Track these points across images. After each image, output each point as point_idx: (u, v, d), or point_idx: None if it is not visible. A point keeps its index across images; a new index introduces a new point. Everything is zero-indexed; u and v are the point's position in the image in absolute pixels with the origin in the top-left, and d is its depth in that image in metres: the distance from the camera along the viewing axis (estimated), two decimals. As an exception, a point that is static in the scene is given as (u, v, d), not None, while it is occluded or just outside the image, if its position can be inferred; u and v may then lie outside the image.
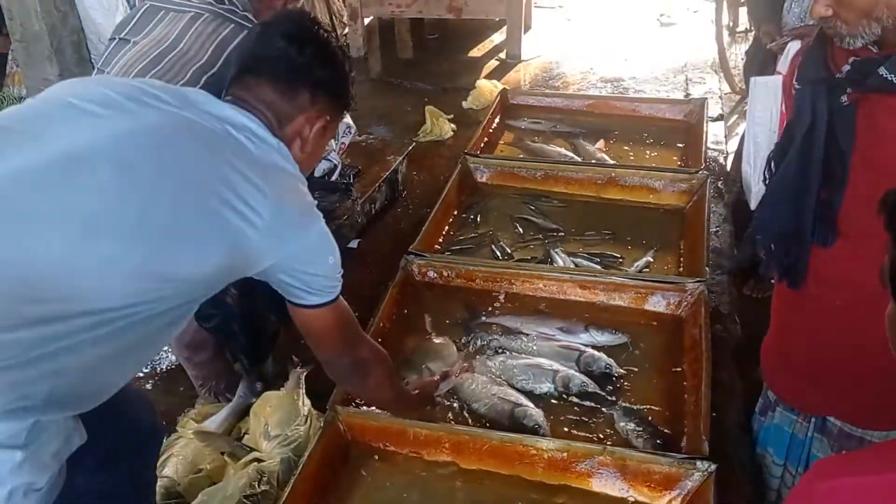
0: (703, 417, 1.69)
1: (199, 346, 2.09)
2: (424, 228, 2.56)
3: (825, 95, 1.33)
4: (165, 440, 1.94)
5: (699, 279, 2.16)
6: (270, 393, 2.04)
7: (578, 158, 3.14)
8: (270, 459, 1.87)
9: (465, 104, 4.33)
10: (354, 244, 2.98)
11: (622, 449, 1.67)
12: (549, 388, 1.93)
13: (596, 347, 2.05)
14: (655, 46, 5.15)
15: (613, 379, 1.95)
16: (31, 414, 1.12)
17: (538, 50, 5.16)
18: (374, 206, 3.09)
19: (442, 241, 2.69)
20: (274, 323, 2.11)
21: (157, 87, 1.29)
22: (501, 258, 2.53)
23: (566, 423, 1.85)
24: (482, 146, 3.26)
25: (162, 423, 1.71)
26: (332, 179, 2.86)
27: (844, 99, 1.31)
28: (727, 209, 2.82)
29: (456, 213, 2.84)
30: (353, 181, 2.93)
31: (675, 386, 1.92)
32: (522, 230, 2.71)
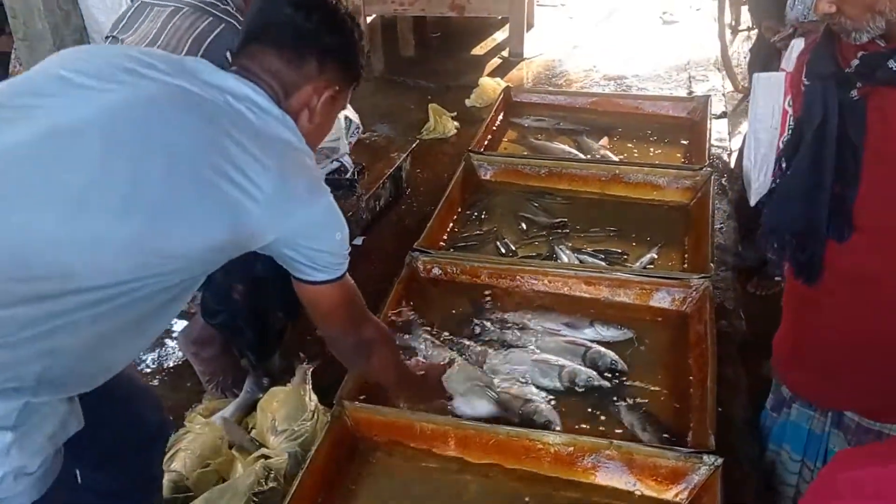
0: (709, 412, 1.70)
1: (205, 341, 2.10)
2: (429, 225, 2.57)
3: (835, 91, 1.34)
4: (173, 435, 1.95)
5: (704, 275, 2.17)
6: (277, 388, 2.04)
7: (582, 155, 3.14)
8: (278, 456, 1.87)
9: (468, 102, 4.34)
10: (359, 241, 2.99)
11: (629, 443, 1.68)
12: (555, 383, 1.93)
13: (602, 343, 2.05)
14: (658, 44, 5.15)
15: (619, 374, 1.95)
16: (21, 395, 1.09)
17: (541, 48, 5.17)
18: (378, 203, 3.10)
19: (446, 238, 2.69)
20: (280, 319, 2.12)
21: (155, 56, 1.25)
22: (506, 255, 2.53)
23: (572, 417, 1.85)
24: (486, 143, 3.26)
25: (169, 418, 1.71)
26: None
27: (854, 93, 1.31)
28: (731, 206, 2.82)
29: (460, 210, 2.85)
30: (357, 178, 2.93)
31: (680, 381, 1.93)
32: (526, 227, 2.71)
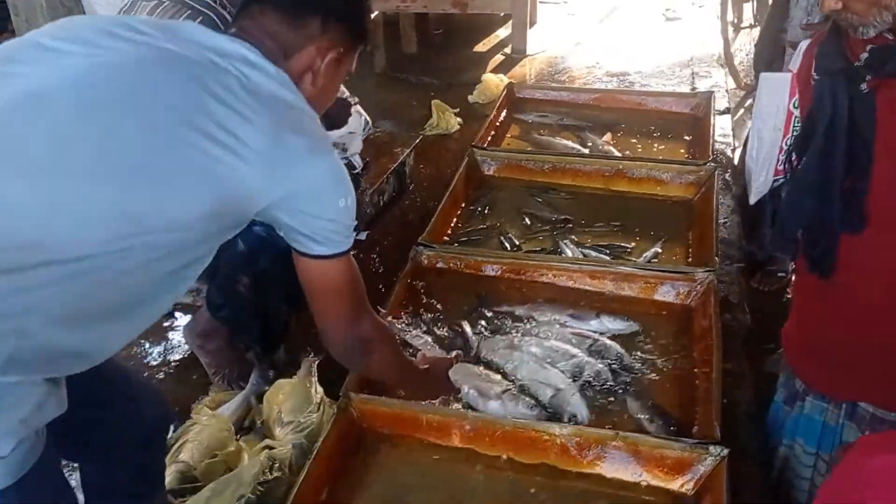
0: (714, 404, 1.70)
1: (211, 334, 2.11)
2: (433, 220, 2.57)
3: (845, 85, 1.35)
4: (181, 427, 1.96)
5: (709, 268, 2.17)
6: (283, 381, 2.05)
7: (586, 151, 3.15)
8: (283, 447, 1.88)
9: (470, 98, 4.34)
10: (363, 236, 3.00)
11: (635, 434, 1.68)
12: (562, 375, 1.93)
13: (607, 335, 2.06)
14: (661, 41, 5.16)
15: (625, 366, 1.96)
16: None
17: (543, 45, 5.17)
18: (382, 198, 3.10)
19: (450, 233, 2.69)
20: (285, 312, 2.13)
21: (142, 21, 1.20)
22: (510, 249, 2.54)
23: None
24: (489, 139, 3.26)
25: (171, 413, 1.68)
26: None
27: (864, 87, 1.32)
28: (735, 201, 2.83)
29: (464, 205, 2.85)
30: (362, 173, 2.93)
31: (685, 374, 1.93)
32: (530, 222, 2.72)
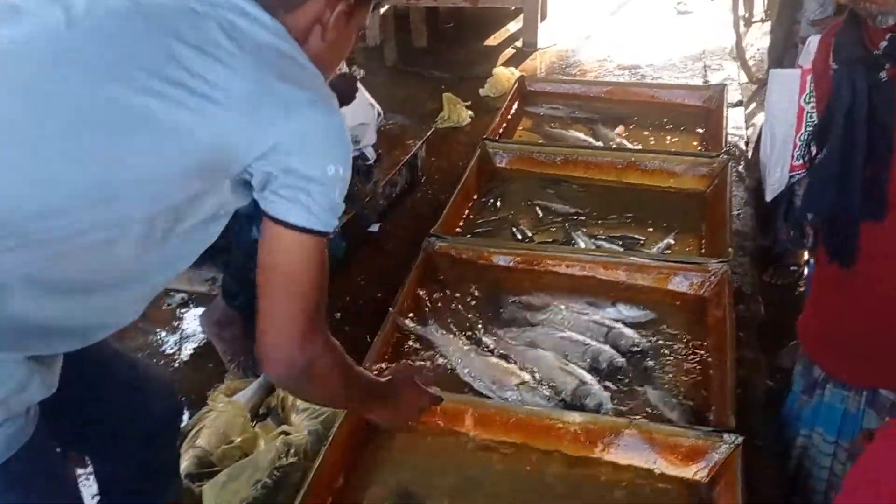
0: (729, 392, 1.71)
1: (227, 323, 2.12)
2: (445, 212, 2.58)
3: (864, 73, 1.35)
4: (197, 413, 1.98)
5: (722, 259, 2.18)
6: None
7: (598, 143, 3.15)
8: (298, 433, 1.89)
9: (482, 92, 4.34)
10: (375, 228, 3.01)
11: (649, 422, 1.69)
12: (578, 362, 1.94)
13: (624, 323, 2.06)
14: (672, 34, 5.14)
15: (641, 354, 1.97)
16: None
17: (554, 38, 5.16)
18: (394, 190, 3.11)
19: (462, 225, 2.71)
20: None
21: None
22: (522, 241, 2.55)
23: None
24: (501, 132, 3.27)
25: (181, 406, 1.63)
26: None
27: (883, 75, 1.33)
28: (748, 193, 2.83)
29: (476, 197, 2.86)
30: (374, 164, 2.95)
31: (700, 363, 1.94)
32: (542, 214, 2.73)
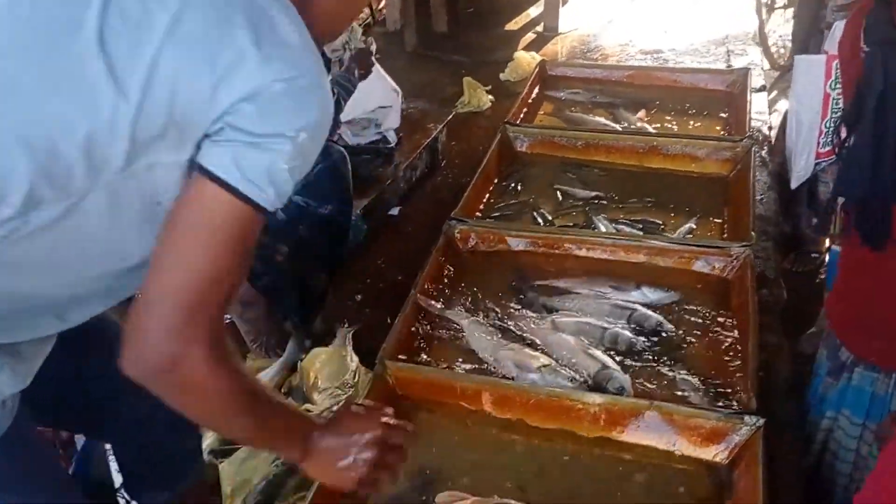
0: (750, 375, 1.71)
1: (250, 303, 2.15)
2: (465, 195, 2.57)
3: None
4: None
5: (745, 243, 2.16)
6: (319, 349, 2.09)
7: (619, 128, 3.13)
8: (318, 410, 1.91)
9: (502, 76, 4.33)
10: (395, 211, 3.02)
11: (669, 404, 1.69)
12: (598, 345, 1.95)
13: (648, 305, 2.06)
14: (695, 19, 5.07)
15: (664, 336, 1.96)
16: None
17: (576, 22, 5.13)
18: (414, 173, 3.12)
19: (482, 208, 2.70)
20: (323, 281, 2.16)
21: None
22: (543, 225, 2.54)
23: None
24: (521, 116, 3.25)
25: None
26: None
27: None
28: (772, 178, 2.80)
29: (496, 181, 2.85)
30: (395, 148, 2.95)
31: (722, 346, 1.93)
32: (563, 198, 2.72)
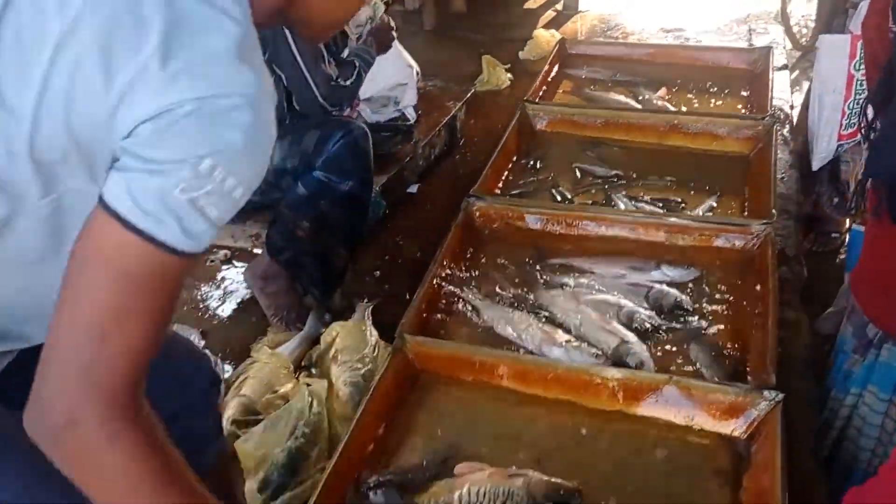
0: (770, 350, 1.70)
1: (271, 277, 2.17)
2: (484, 173, 2.57)
3: None
4: (242, 364, 2.04)
5: (766, 220, 2.15)
6: (339, 323, 2.11)
7: (640, 106, 3.11)
8: (319, 382, 1.92)
9: (521, 55, 4.31)
10: (414, 189, 3.03)
11: (688, 378, 1.69)
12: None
13: (668, 283, 2.06)
14: (717, -2, 5.02)
15: (684, 312, 1.96)
16: None
17: (595, 1, 5.08)
18: (433, 151, 3.12)
19: (501, 186, 2.70)
20: (343, 256, 2.18)
21: None
22: (562, 202, 2.54)
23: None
24: (541, 94, 3.24)
25: (218, 375, 1.59)
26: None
27: None
28: (793, 156, 2.78)
29: (515, 159, 2.85)
30: (414, 125, 2.95)
31: (741, 322, 1.93)
32: (582, 176, 2.71)
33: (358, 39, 2.39)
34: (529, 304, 2.06)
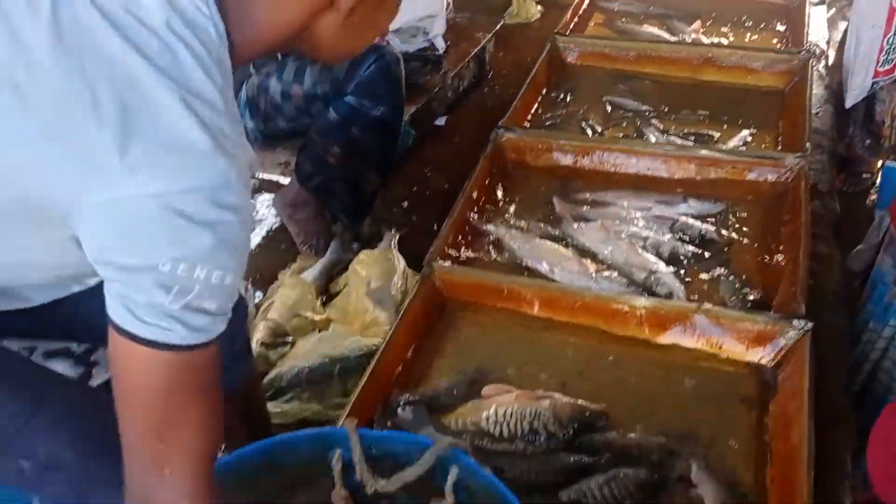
0: (800, 281, 1.69)
1: (300, 204, 2.17)
2: (513, 105, 2.54)
3: None
4: (269, 287, 2.08)
5: (800, 154, 2.12)
6: (367, 251, 2.12)
7: (673, 39, 3.04)
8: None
9: (551, -13, 4.19)
10: (442, 121, 3.00)
11: (716, 307, 1.69)
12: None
13: (693, 216, 2.05)
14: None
15: (711, 244, 1.95)
16: None
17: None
18: (462, 83, 3.08)
19: (530, 119, 2.67)
20: (374, 181, 2.17)
21: None
22: (591, 136, 2.51)
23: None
24: (572, 27, 3.18)
25: (245, 301, 1.65)
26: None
27: None
28: (828, 92, 2.71)
29: (545, 92, 2.81)
30: (444, 55, 2.90)
31: (772, 254, 1.92)
32: (612, 109, 2.67)
33: None
34: (557, 235, 2.06)
